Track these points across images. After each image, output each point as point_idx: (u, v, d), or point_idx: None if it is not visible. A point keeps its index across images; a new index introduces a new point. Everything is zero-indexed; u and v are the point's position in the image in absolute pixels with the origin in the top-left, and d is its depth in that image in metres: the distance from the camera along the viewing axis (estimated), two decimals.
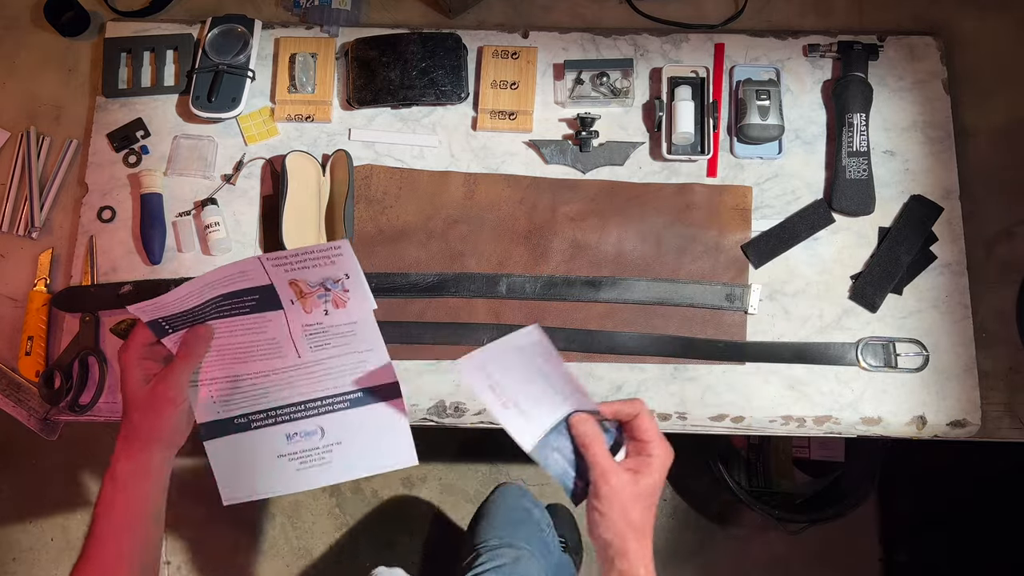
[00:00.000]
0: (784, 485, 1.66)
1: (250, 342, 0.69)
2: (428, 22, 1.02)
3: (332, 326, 0.68)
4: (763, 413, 0.89)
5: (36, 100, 1.00)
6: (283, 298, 0.67)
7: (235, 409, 0.70)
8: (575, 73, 0.97)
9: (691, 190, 0.94)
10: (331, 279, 0.66)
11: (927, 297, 0.91)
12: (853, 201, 0.92)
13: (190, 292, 0.65)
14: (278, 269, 0.65)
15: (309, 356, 0.69)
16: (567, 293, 0.91)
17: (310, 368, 0.70)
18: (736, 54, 0.98)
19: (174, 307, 0.66)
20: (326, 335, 0.69)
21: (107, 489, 0.67)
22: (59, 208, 0.97)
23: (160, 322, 0.67)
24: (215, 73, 0.96)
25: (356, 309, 0.68)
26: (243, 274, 0.65)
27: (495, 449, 1.73)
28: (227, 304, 0.67)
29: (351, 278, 0.66)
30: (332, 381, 0.70)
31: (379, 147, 0.97)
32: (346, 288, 0.67)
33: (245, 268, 0.65)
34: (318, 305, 0.68)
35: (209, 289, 0.66)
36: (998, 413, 0.90)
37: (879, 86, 0.96)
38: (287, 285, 0.67)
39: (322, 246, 0.64)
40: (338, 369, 0.70)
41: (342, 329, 0.68)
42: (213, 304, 0.67)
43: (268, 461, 0.71)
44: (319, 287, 0.67)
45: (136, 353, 0.68)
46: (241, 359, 0.70)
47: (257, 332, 0.68)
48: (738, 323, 0.91)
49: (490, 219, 0.94)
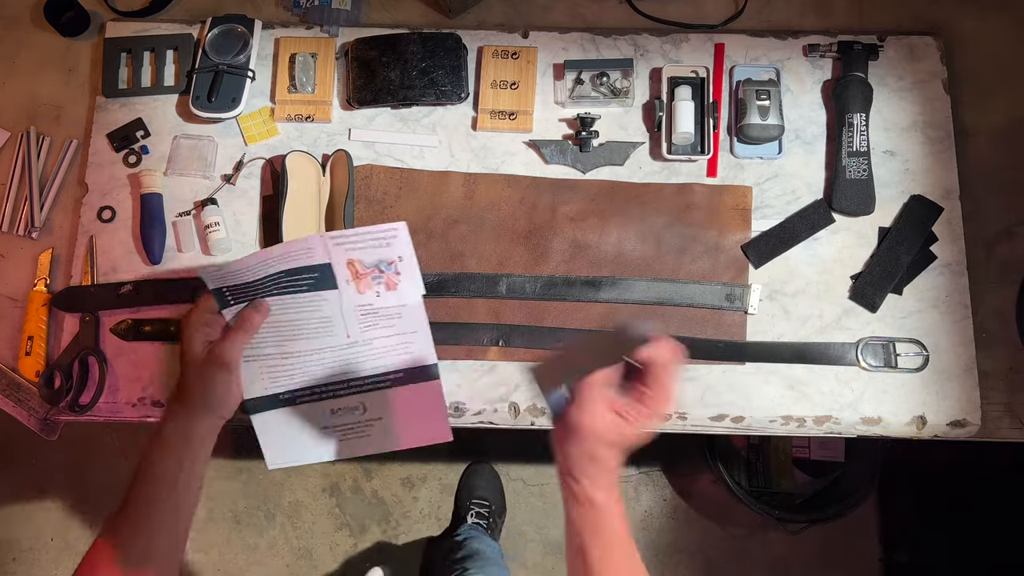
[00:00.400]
0: (784, 485, 1.66)
1: (304, 320, 0.71)
2: (428, 22, 1.02)
3: (383, 308, 0.71)
4: (763, 413, 0.89)
5: (36, 100, 1.00)
6: (339, 278, 0.70)
7: (282, 386, 0.73)
8: (575, 73, 0.97)
9: (691, 190, 0.94)
10: (385, 261, 0.69)
11: (927, 297, 0.91)
12: (853, 201, 0.92)
13: (259, 261, 0.68)
14: (339, 248, 0.68)
15: (358, 336, 0.72)
16: (567, 293, 0.91)
17: (358, 348, 0.72)
18: (736, 54, 0.98)
19: (241, 276, 0.69)
20: (376, 316, 0.71)
21: (150, 450, 0.69)
22: (59, 208, 0.97)
23: (224, 291, 0.70)
24: (215, 73, 0.96)
25: (406, 292, 0.70)
26: (308, 250, 0.68)
27: (495, 449, 1.73)
28: (287, 280, 0.70)
29: (404, 260, 0.69)
30: (377, 361, 0.73)
31: (379, 147, 0.97)
32: (398, 271, 0.69)
33: (309, 245, 0.67)
34: (371, 286, 0.70)
35: (275, 262, 0.68)
36: (998, 413, 0.90)
37: (879, 86, 0.96)
38: (344, 265, 0.69)
39: (381, 227, 0.67)
40: (383, 350, 0.72)
41: (391, 311, 0.71)
42: (274, 279, 0.70)
43: (312, 432, 0.74)
44: (374, 268, 0.69)
45: (199, 319, 0.71)
46: (293, 336, 0.72)
47: (311, 311, 0.71)
48: (738, 323, 0.91)
49: (490, 219, 0.94)
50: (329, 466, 1.73)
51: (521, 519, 1.72)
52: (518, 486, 1.73)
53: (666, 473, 1.74)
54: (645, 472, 1.74)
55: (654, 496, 1.74)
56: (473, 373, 0.90)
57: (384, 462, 1.75)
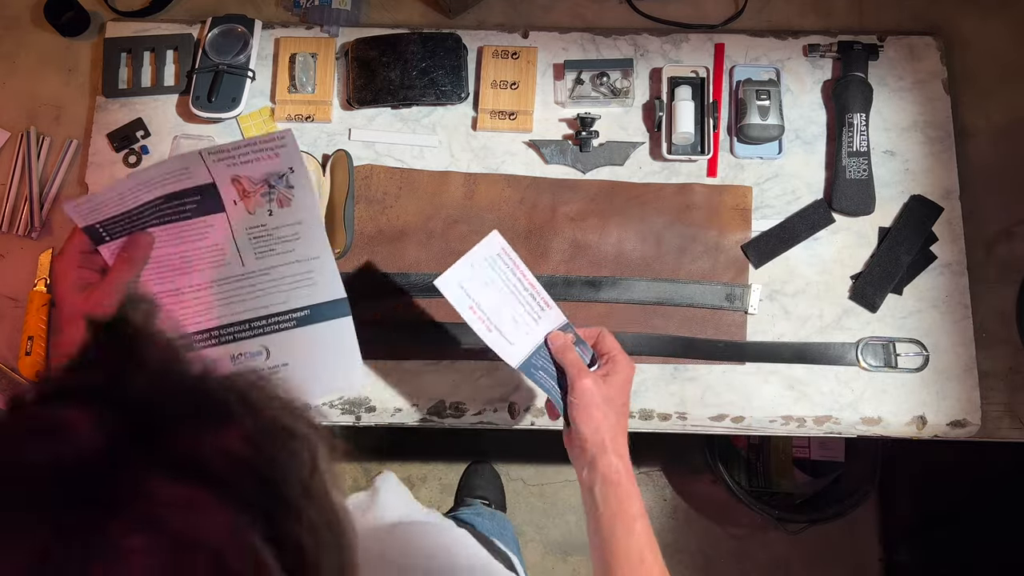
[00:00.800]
0: (784, 485, 1.66)
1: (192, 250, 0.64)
2: (428, 22, 1.02)
3: (277, 227, 0.64)
4: (763, 413, 0.89)
5: (36, 100, 1.00)
6: (226, 198, 0.63)
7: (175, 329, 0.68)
8: (575, 73, 0.97)
9: (691, 190, 0.94)
10: (275, 174, 0.62)
11: (927, 297, 0.91)
12: (853, 201, 0.92)
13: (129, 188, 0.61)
14: (220, 164, 0.61)
15: (253, 264, 0.65)
16: (567, 293, 0.91)
17: (254, 279, 0.65)
18: (736, 54, 0.98)
19: (112, 207, 0.61)
20: (271, 239, 0.64)
21: None
22: (59, 208, 0.97)
23: (97, 228, 0.63)
24: (215, 73, 0.96)
25: (301, 207, 0.64)
26: (185, 171, 0.61)
27: (495, 449, 1.73)
28: (168, 208, 0.63)
29: (296, 172, 0.63)
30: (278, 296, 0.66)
31: (379, 147, 0.97)
32: (290, 184, 0.63)
33: (187, 163, 0.60)
34: (262, 204, 0.63)
35: (148, 188, 0.61)
36: (998, 413, 0.90)
37: (879, 86, 0.96)
38: (230, 183, 0.62)
39: (265, 136, 0.61)
40: (284, 281, 0.65)
41: (286, 232, 0.64)
42: (153, 207, 0.63)
43: None
44: (263, 184, 0.63)
45: (72, 260, 0.64)
46: (182, 269, 0.65)
47: (199, 239, 0.64)
48: (738, 323, 0.91)
49: (490, 219, 0.94)
50: None
51: (521, 519, 1.72)
52: (518, 486, 1.73)
53: (666, 473, 1.74)
54: (645, 472, 1.74)
55: (654, 496, 1.74)
56: (473, 373, 0.90)
57: (384, 461, 1.75)
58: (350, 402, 0.89)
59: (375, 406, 0.89)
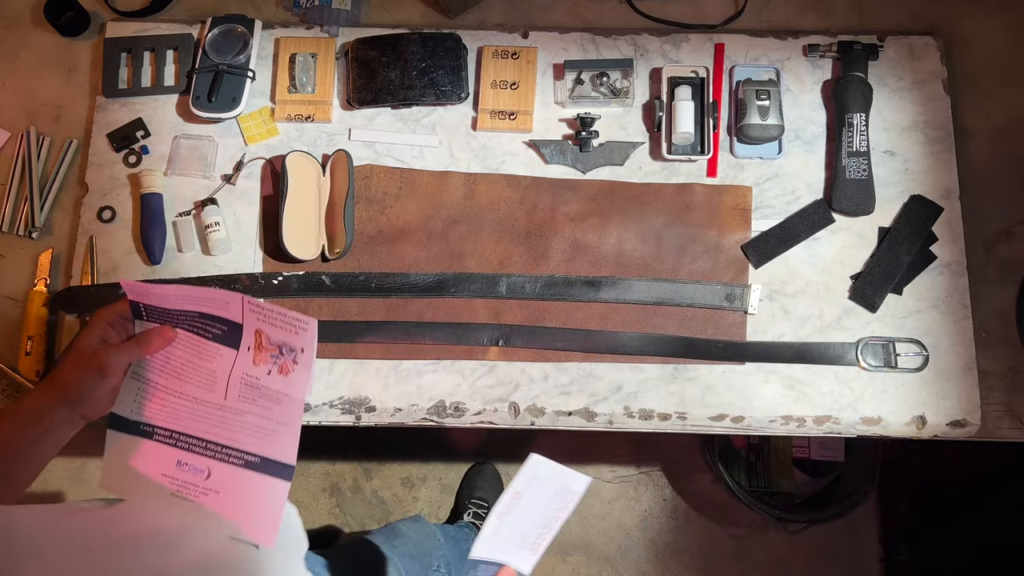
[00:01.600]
0: (784, 485, 1.66)
1: (195, 364, 0.72)
2: (428, 22, 1.02)
3: (267, 387, 0.71)
4: (763, 413, 0.89)
5: (36, 100, 1.00)
6: (244, 342, 0.70)
7: (147, 416, 0.73)
8: (575, 73, 0.97)
9: (691, 190, 0.94)
10: (288, 346, 0.69)
11: (927, 297, 0.91)
12: (853, 201, 0.92)
13: (178, 295, 0.69)
14: (252, 315, 0.69)
15: (233, 402, 0.72)
16: (567, 293, 0.91)
17: (227, 413, 0.72)
18: (736, 54, 0.98)
19: (158, 300, 0.69)
20: (257, 392, 0.71)
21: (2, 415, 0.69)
22: (59, 208, 0.97)
23: (140, 306, 0.71)
24: (215, 73, 0.96)
25: (295, 384, 0.70)
26: (226, 304, 0.69)
27: (495, 449, 1.73)
28: (199, 323, 0.71)
29: (305, 353, 0.69)
30: (239, 435, 0.72)
31: (379, 147, 0.97)
32: (296, 361, 0.70)
33: (229, 300, 0.68)
34: (267, 362, 0.70)
35: (194, 302, 0.69)
36: (998, 413, 0.90)
37: (879, 86, 0.96)
38: (253, 332, 0.70)
39: (296, 315, 0.67)
40: (250, 427, 0.72)
41: (272, 394, 0.71)
42: (188, 317, 0.71)
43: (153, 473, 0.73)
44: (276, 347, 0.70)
45: (108, 317, 0.71)
46: (178, 374, 0.72)
47: (206, 359, 0.72)
48: (738, 323, 0.91)
49: (490, 219, 0.94)
50: (329, 466, 1.73)
51: None
52: None
53: (666, 473, 1.74)
54: (645, 472, 1.74)
55: (654, 496, 1.74)
56: (473, 373, 0.90)
57: (384, 462, 1.75)
58: (350, 402, 0.89)
59: (375, 406, 0.89)
